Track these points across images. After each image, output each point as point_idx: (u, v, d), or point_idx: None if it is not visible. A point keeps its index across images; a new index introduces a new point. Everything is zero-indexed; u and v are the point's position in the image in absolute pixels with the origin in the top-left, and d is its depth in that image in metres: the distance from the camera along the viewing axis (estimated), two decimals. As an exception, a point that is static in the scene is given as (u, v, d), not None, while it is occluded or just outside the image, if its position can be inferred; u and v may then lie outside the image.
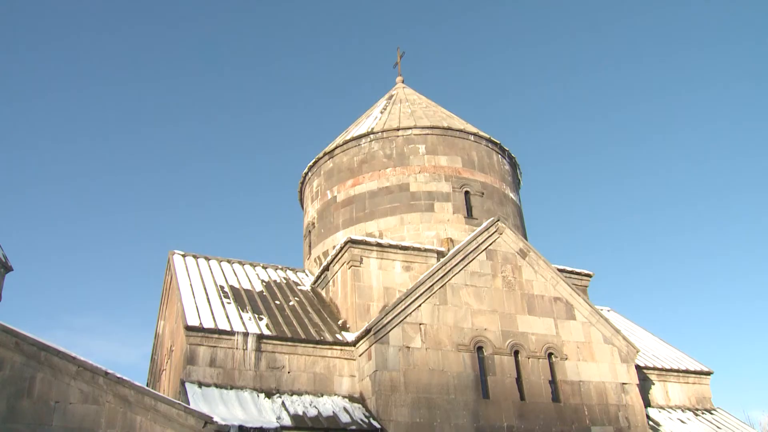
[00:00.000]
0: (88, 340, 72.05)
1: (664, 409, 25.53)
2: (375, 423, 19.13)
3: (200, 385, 19.11)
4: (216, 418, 16.30)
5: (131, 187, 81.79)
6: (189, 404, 17.16)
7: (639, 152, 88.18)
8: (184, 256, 25.77)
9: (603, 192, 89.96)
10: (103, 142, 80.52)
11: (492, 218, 24.23)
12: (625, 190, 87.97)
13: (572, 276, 25.93)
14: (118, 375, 16.02)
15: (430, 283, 21.67)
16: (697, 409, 26.35)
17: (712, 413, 26.48)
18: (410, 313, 21.02)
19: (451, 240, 25.76)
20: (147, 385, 25.95)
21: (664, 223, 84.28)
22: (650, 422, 23.55)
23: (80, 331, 73.35)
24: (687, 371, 27.17)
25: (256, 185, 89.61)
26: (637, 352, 24.28)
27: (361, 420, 19.17)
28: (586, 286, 26.78)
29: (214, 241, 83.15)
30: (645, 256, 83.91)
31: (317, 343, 20.94)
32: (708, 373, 27.76)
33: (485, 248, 23.28)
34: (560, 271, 24.64)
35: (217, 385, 19.29)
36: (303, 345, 20.74)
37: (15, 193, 74.24)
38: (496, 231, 23.68)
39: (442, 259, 22.90)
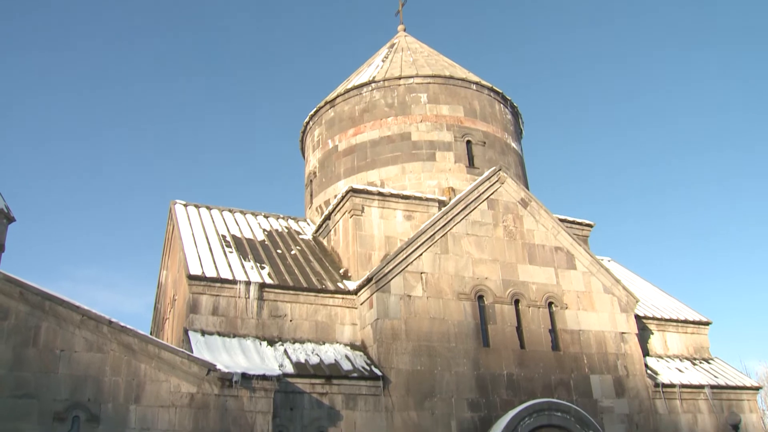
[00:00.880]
0: (92, 290, 72.56)
1: (662, 358, 25.75)
2: (376, 370, 19.31)
3: (203, 333, 19.26)
4: (219, 366, 16.45)
5: (133, 138, 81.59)
6: (192, 352, 17.29)
7: (642, 103, 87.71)
8: (185, 205, 25.76)
9: (605, 143, 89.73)
10: (104, 92, 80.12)
11: (493, 168, 24.17)
12: (628, 142, 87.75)
13: (573, 226, 25.97)
14: (122, 324, 16.12)
15: (432, 232, 21.70)
16: (695, 359, 26.57)
17: (709, 362, 26.70)
18: (411, 262, 21.09)
19: (453, 189, 25.75)
20: (150, 334, 26.15)
21: (666, 175, 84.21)
22: (648, 371, 23.78)
23: (84, 281, 73.81)
24: (686, 321, 27.33)
25: (257, 135, 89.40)
26: (637, 302, 24.42)
27: (363, 367, 19.36)
28: (587, 236, 26.82)
29: (215, 191, 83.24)
30: (646, 207, 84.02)
31: (319, 291, 21.04)
32: (706, 324, 27.92)
33: (486, 198, 23.26)
34: (561, 221, 24.67)
35: (219, 334, 19.43)
36: (305, 293, 20.84)
37: (17, 144, 74.09)
38: (497, 180, 23.64)
39: (443, 209, 22.91)
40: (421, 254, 21.30)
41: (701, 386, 24.21)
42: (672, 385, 23.57)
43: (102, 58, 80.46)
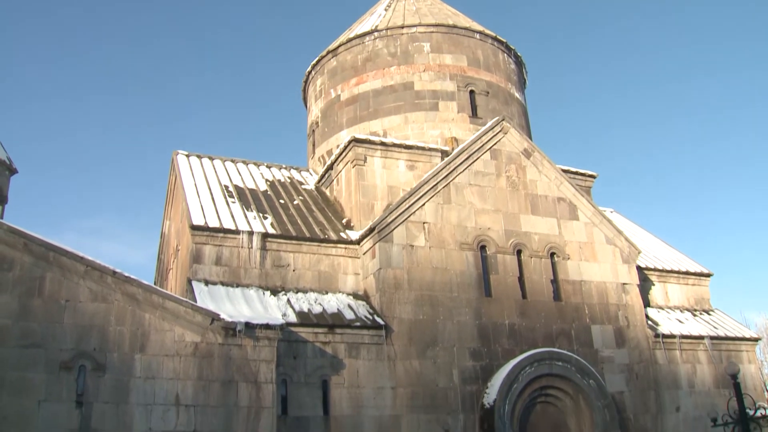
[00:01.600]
0: (96, 242, 72.70)
1: (663, 309, 25.88)
2: (379, 320, 19.43)
3: (206, 283, 19.33)
4: (223, 315, 16.51)
5: (135, 88, 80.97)
6: (196, 302, 17.37)
7: (647, 57, 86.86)
8: (188, 156, 25.68)
9: (610, 95, 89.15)
10: (106, 41, 79.30)
11: (497, 118, 24.02)
12: (632, 94, 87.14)
13: (576, 177, 25.89)
14: (126, 274, 16.15)
15: (434, 182, 21.65)
16: (696, 310, 26.71)
17: (709, 314, 26.85)
18: (414, 211, 21.07)
19: (456, 139, 25.63)
20: (154, 285, 26.29)
21: (670, 127, 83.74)
22: (649, 321, 23.92)
23: (89, 233, 73.89)
24: (687, 273, 27.42)
25: (259, 85, 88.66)
26: (639, 253, 24.46)
27: (366, 317, 19.47)
28: (590, 187, 26.77)
29: (218, 142, 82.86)
30: (649, 159, 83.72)
31: (322, 241, 21.07)
32: (707, 275, 28.01)
33: (489, 148, 23.16)
34: (564, 171, 24.60)
35: (223, 283, 19.51)
36: (308, 243, 20.87)
37: (19, 95, 73.65)
38: (500, 131, 23.51)
39: (446, 159, 22.83)
40: (423, 204, 21.27)
41: (701, 337, 24.38)
42: (672, 336, 23.73)
43: (104, 9, 79.55)
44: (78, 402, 14.85)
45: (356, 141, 23.13)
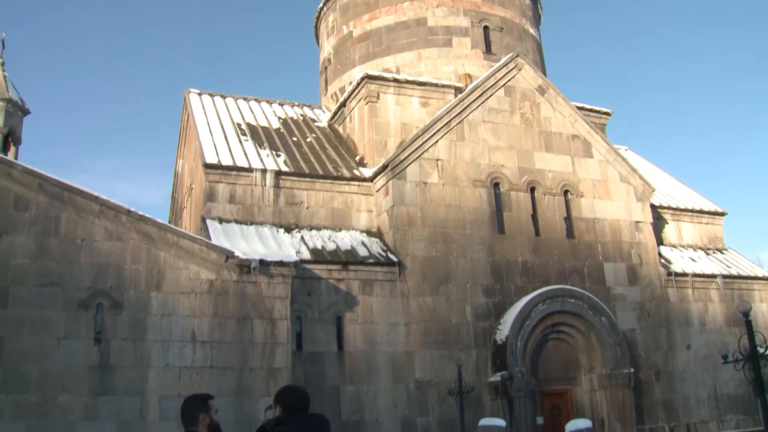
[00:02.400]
0: (111, 182, 72.71)
1: (676, 247, 25.85)
2: (392, 256, 19.51)
3: (221, 221, 19.41)
4: (237, 253, 16.62)
5: (147, 28, 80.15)
6: (210, 240, 17.47)
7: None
8: (200, 94, 25.52)
9: (626, 31, 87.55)
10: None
11: (511, 54, 23.70)
12: (649, 32, 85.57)
13: (590, 114, 25.61)
14: (141, 213, 16.24)
15: (448, 119, 21.49)
16: (709, 249, 26.67)
17: (723, 253, 26.81)
18: (427, 148, 20.97)
19: (469, 76, 25.33)
20: (169, 223, 26.45)
21: (686, 65, 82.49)
22: (662, 260, 23.92)
23: (103, 174, 73.85)
24: (701, 211, 27.31)
25: (271, 22, 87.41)
26: (653, 191, 24.35)
27: (379, 254, 19.55)
28: (605, 125, 26.52)
29: (230, 80, 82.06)
30: (665, 97, 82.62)
31: (335, 178, 21.06)
32: (722, 214, 27.90)
33: (503, 84, 22.90)
34: (579, 108, 24.34)
35: (237, 221, 19.59)
36: (321, 181, 20.87)
37: (30, 36, 73.07)
38: (515, 67, 23.21)
39: (459, 95, 22.61)
40: (437, 141, 21.16)
41: (713, 276, 24.39)
42: (684, 274, 23.75)
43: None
44: (96, 339, 15.11)
45: (369, 78, 22.91)
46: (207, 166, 19.82)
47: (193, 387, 15.01)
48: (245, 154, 21.03)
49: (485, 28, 26.99)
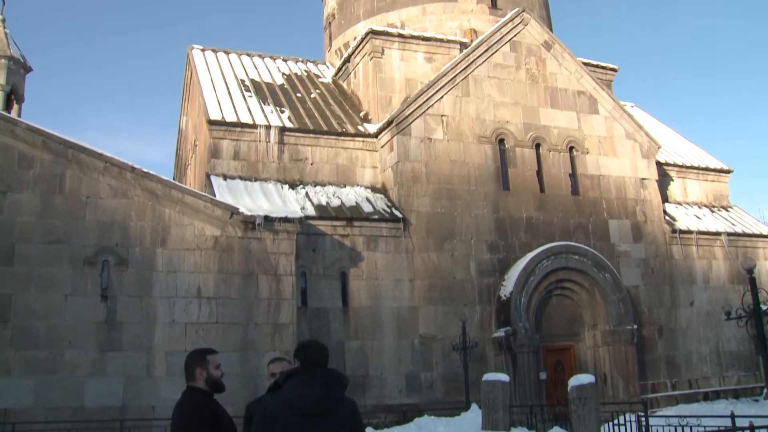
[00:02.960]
0: (116, 140, 72.43)
1: (681, 204, 25.80)
2: (397, 212, 19.51)
3: (225, 177, 19.39)
4: (242, 209, 16.64)
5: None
6: (215, 196, 17.46)
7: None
8: (203, 50, 25.32)
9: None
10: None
11: (517, 9, 23.41)
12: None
13: (597, 70, 25.40)
14: (145, 169, 16.22)
15: (453, 75, 21.32)
16: (714, 206, 26.62)
17: (728, 210, 26.77)
18: (432, 104, 20.84)
19: (475, 31, 25.07)
20: (173, 180, 26.43)
21: (693, 21, 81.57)
22: (667, 217, 23.90)
23: (108, 131, 73.51)
24: (706, 169, 27.20)
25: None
26: (659, 148, 24.24)
27: (384, 210, 19.55)
28: (611, 81, 26.31)
29: (233, 36, 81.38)
30: (671, 53, 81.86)
31: (339, 134, 20.97)
32: (727, 172, 27.81)
33: (509, 40, 22.66)
34: (585, 64, 24.12)
35: (241, 178, 19.57)
36: (325, 137, 20.79)
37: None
38: (520, 22, 22.94)
39: (464, 51, 22.38)
40: (442, 97, 21.01)
41: (718, 233, 24.39)
42: (689, 232, 23.75)
43: None
44: (103, 296, 15.21)
45: (373, 33, 22.68)
46: (211, 122, 19.74)
47: (199, 342, 15.10)
48: (249, 110, 20.93)
49: (491, -18, 26.63)
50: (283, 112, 21.38)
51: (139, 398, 14.99)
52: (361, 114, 22.56)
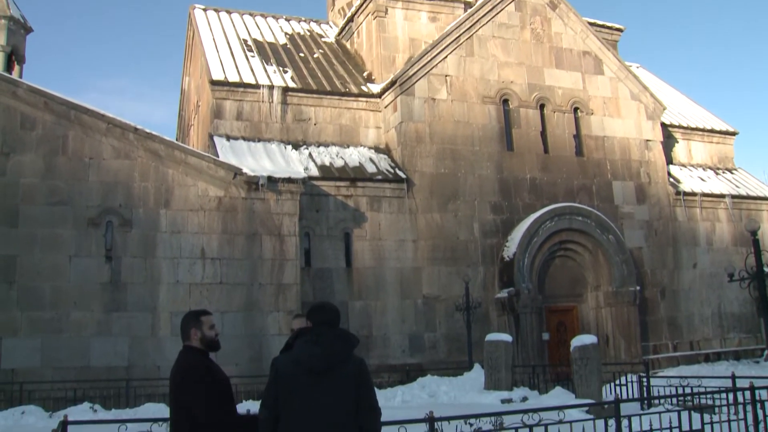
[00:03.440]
0: (119, 101, 72.15)
1: (685, 166, 25.72)
2: (400, 173, 19.47)
3: (228, 138, 19.33)
4: (245, 170, 16.61)
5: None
6: (218, 157, 17.42)
7: None
8: (205, 10, 25.07)
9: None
10: None
11: (523, -33, 23.09)
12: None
13: (602, 30, 25.16)
14: (148, 130, 16.18)
15: (457, 35, 21.11)
16: (718, 168, 26.54)
17: (732, 172, 26.69)
18: (436, 64, 20.68)
19: (480, -10, 24.76)
20: (176, 141, 26.35)
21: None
22: (671, 179, 23.85)
23: (111, 93, 73.18)
24: (712, 131, 27.06)
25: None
26: (664, 109, 24.10)
27: (387, 170, 19.51)
28: (617, 41, 26.08)
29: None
30: (678, 13, 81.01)
31: (343, 95, 20.85)
32: (733, 134, 27.66)
33: (514, -1, 22.40)
34: (590, 24, 23.87)
35: (244, 138, 19.50)
36: (328, 97, 20.68)
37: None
38: (526, -20, 22.65)
39: (469, 10, 22.16)
40: (446, 57, 20.84)
41: (722, 195, 24.35)
42: (693, 194, 23.71)
43: None
44: (107, 256, 15.26)
45: (377, -8, 22.41)
46: (213, 82, 19.63)
47: (204, 303, 15.20)
48: (252, 70, 20.79)
49: (496, -61, 26.22)
50: (286, 72, 21.24)
51: (144, 358, 15.13)
52: (365, 74, 22.41)
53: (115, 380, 14.50)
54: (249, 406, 9.08)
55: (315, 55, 23.21)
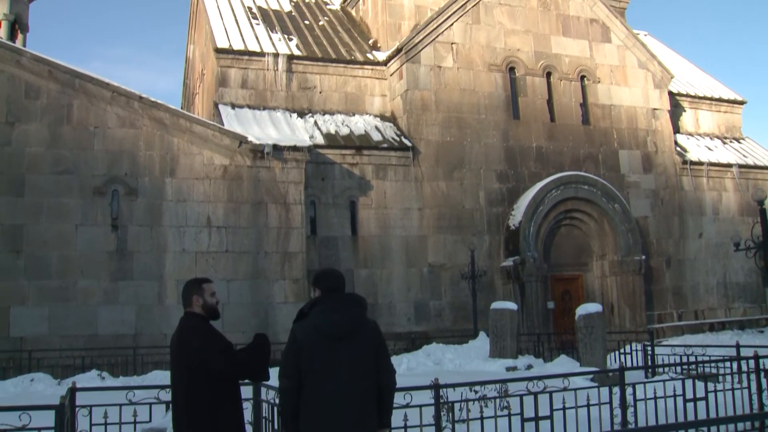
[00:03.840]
0: (124, 70, 71.74)
1: (692, 136, 25.57)
2: (406, 141, 19.42)
3: (233, 106, 19.27)
4: (250, 138, 16.59)
5: None
6: (223, 125, 17.39)
7: None
8: (209, -24, 24.83)
9: None
10: None
11: (530, -67, 22.80)
12: None
13: (610, -4, 24.89)
14: (153, 99, 16.13)
15: (463, 2, 20.90)
16: (726, 138, 26.38)
17: (740, 142, 26.53)
18: (442, 32, 20.51)
19: (486, -43, 24.48)
20: (181, 110, 26.25)
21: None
22: (678, 148, 23.74)
23: (116, 62, 72.75)
24: (719, 100, 26.85)
25: None
26: (671, 78, 23.91)
27: (393, 138, 19.45)
28: (624, 9, 25.88)
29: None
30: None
31: (348, 62, 20.74)
32: (741, 103, 27.45)
33: (521, -35, 22.15)
34: (598, -8, 23.60)
35: (249, 107, 19.44)
36: (334, 65, 20.57)
37: None
38: (533, -54, 22.39)
39: (476, -23, 21.91)
40: (452, 24, 20.67)
41: (729, 165, 24.24)
42: (700, 163, 23.60)
43: None
44: (113, 225, 15.31)
45: (383, -43, 22.19)
46: (218, 50, 19.53)
47: (210, 271, 15.27)
48: (257, 38, 20.67)
49: None
50: (291, 39, 21.11)
51: (151, 326, 15.23)
52: (370, 42, 22.27)
53: (123, 348, 14.64)
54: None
55: (320, 23, 23.04)
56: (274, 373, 4.43)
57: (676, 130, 24.63)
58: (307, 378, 4.18)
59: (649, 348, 13.55)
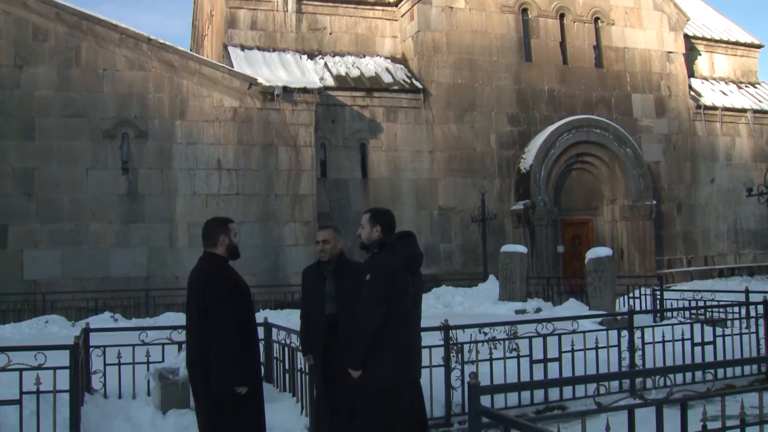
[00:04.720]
0: (133, 13, 70.84)
1: (707, 80, 25.18)
2: (417, 83, 19.25)
3: (242, 48, 19.09)
4: (260, 80, 16.47)
5: None
6: (233, 67, 17.25)
7: None
8: None
9: None
10: None
11: None
12: None
13: (627, -64, 24.31)
14: (161, 40, 15.99)
15: (476, -59, 20.49)
16: (741, 82, 25.96)
17: (755, 87, 26.10)
18: (454, -28, 20.15)
19: None
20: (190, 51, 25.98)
21: None
22: (692, 92, 23.41)
23: (124, 5, 71.91)
24: (736, 43, 26.32)
25: None
26: (687, 20, 23.46)
27: (403, 80, 19.28)
28: (641, -52, 25.23)
29: None
30: None
31: (358, 3, 20.42)
32: (758, 47, 26.91)
33: None
34: (614, -71, 23.05)
35: (259, 48, 19.26)
36: (344, 5, 20.26)
37: None
38: None
39: None
40: (464, -36, 20.30)
41: (743, 110, 23.89)
42: (714, 108, 23.30)
43: None
44: (124, 168, 15.35)
45: None
46: (232, -9, 19.29)
47: (220, 214, 15.20)
48: (265, -23, 20.34)
49: None
50: (300, -21, 20.78)
51: (162, 268, 15.36)
52: (382, -24, 21.89)
53: (135, 290, 14.80)
54: (266, 315, 9.22)
55: (330, -38, 22.63)
56: (281, 314, 4.49)
57: (691, 74, 24.27)
58: (394, 305, 4.60)
59: (658, 292, 13.59)
